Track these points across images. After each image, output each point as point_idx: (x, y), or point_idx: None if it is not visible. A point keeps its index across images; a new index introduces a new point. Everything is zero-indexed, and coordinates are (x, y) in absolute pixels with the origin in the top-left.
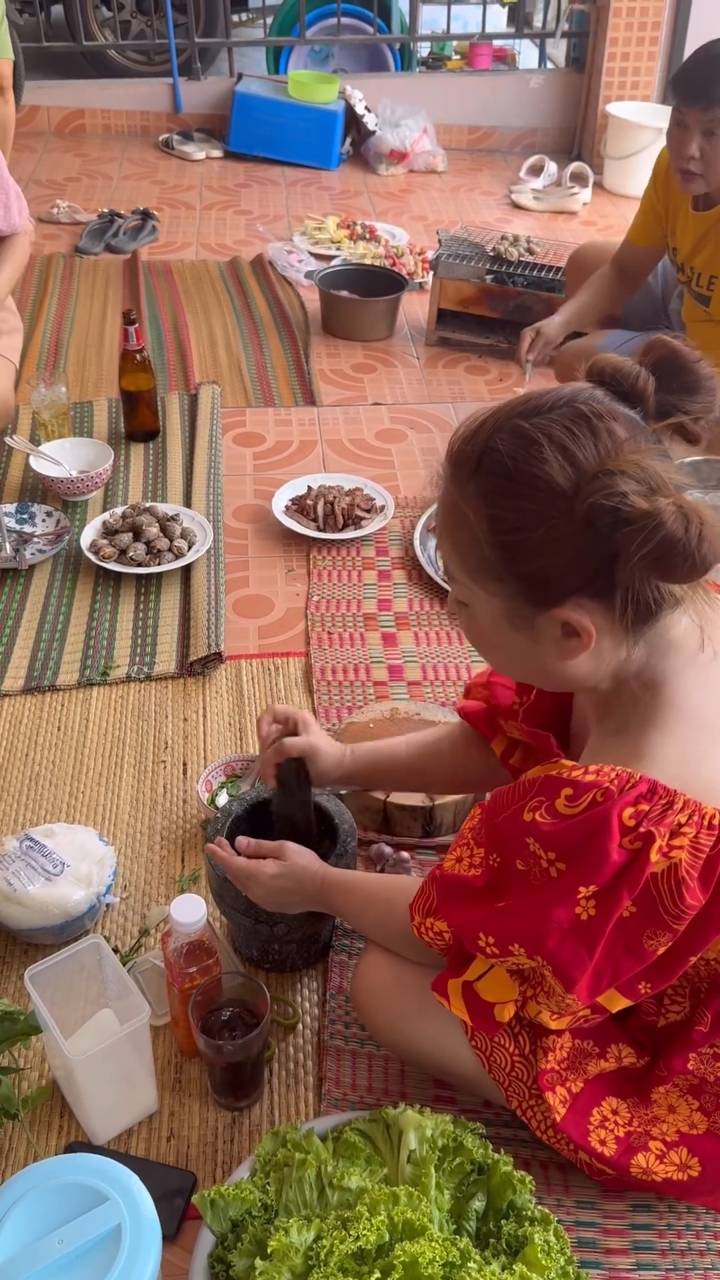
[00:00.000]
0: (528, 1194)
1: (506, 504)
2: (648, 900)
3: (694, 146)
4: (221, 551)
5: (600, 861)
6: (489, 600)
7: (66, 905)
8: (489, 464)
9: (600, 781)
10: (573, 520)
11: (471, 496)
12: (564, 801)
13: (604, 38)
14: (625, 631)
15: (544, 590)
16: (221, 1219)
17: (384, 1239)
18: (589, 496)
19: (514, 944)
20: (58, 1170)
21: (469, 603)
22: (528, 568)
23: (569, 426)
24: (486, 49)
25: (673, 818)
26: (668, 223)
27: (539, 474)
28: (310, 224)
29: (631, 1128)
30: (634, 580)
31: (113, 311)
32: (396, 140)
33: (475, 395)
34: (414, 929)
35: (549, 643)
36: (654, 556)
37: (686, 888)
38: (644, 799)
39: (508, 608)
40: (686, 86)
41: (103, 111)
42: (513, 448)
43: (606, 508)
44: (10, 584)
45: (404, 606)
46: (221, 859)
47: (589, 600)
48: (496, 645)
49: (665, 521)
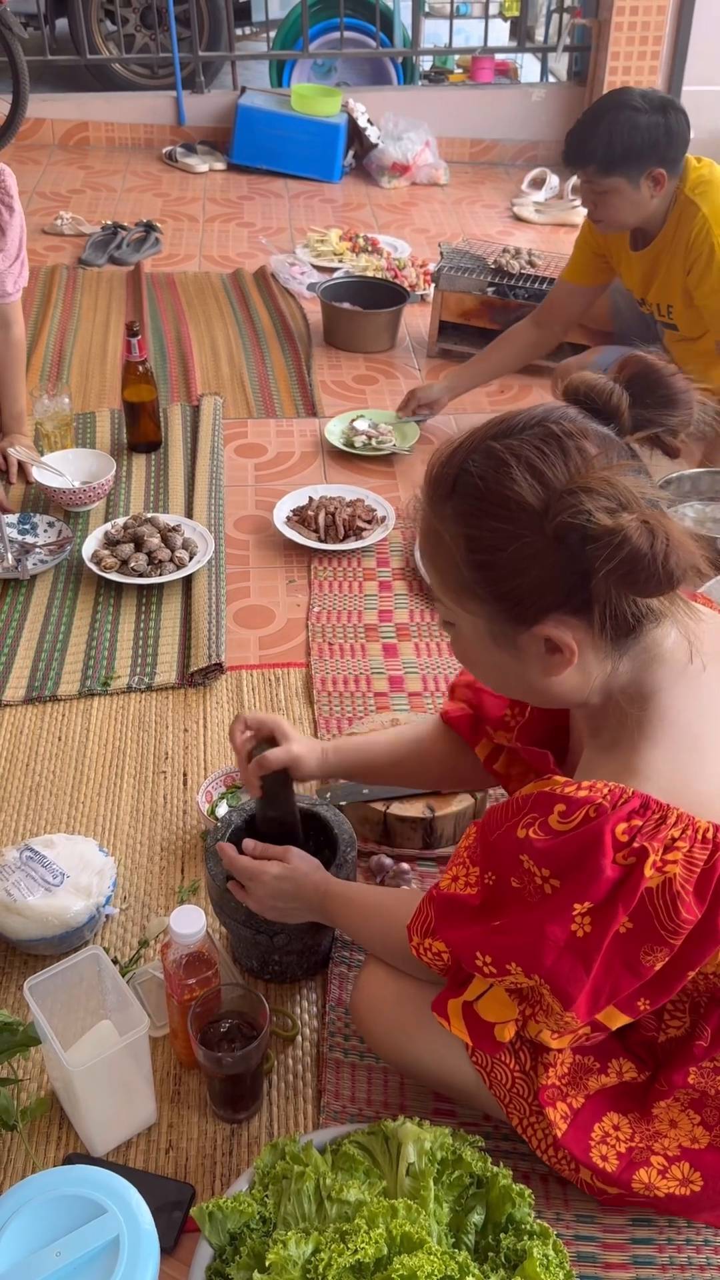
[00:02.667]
0: (527, 1207)
1: (480, 524)
2: (643, 915)
3: (588, 201)
4: (223, 562)
5: (594, 877)
6: (472, 620)
7: (66, 916)
8: (463, 486)
9: (593, 797)
10: (544, 538)
11: (448, 519)
12: (557, 818)
13: (605, 52)
14: (608, 646)
15: (522, 608)
16: (220, 1231)
17: (382, 1252)
18: (558, 515)
19: (511, 962)
20: (56, 1182)
21: (454, 623)
22: (504, 587)
23: (539, 446)
24: (488, 63)
25: (666, 832)
26: (614, 265)
27: (510, 494)
28: (313, 236)
29: (633, 1143)
30: (609, 595)
31: (116, 323)
32: (399, 153)
33: (476, 407)
34: (413, 949)
35: (533, 660)
36: (621, 572)
37: (682, 902)
38: (637, 814)
39: (490, 627)
40: (567, 147)
41: (106, 124)
42: (484, 469)
43: (574, 525)
44: (12, 594)
45: (405, 618)
46: (228, 858)
47: (568, 616)
48: (484, 664)
49: (630, 537)
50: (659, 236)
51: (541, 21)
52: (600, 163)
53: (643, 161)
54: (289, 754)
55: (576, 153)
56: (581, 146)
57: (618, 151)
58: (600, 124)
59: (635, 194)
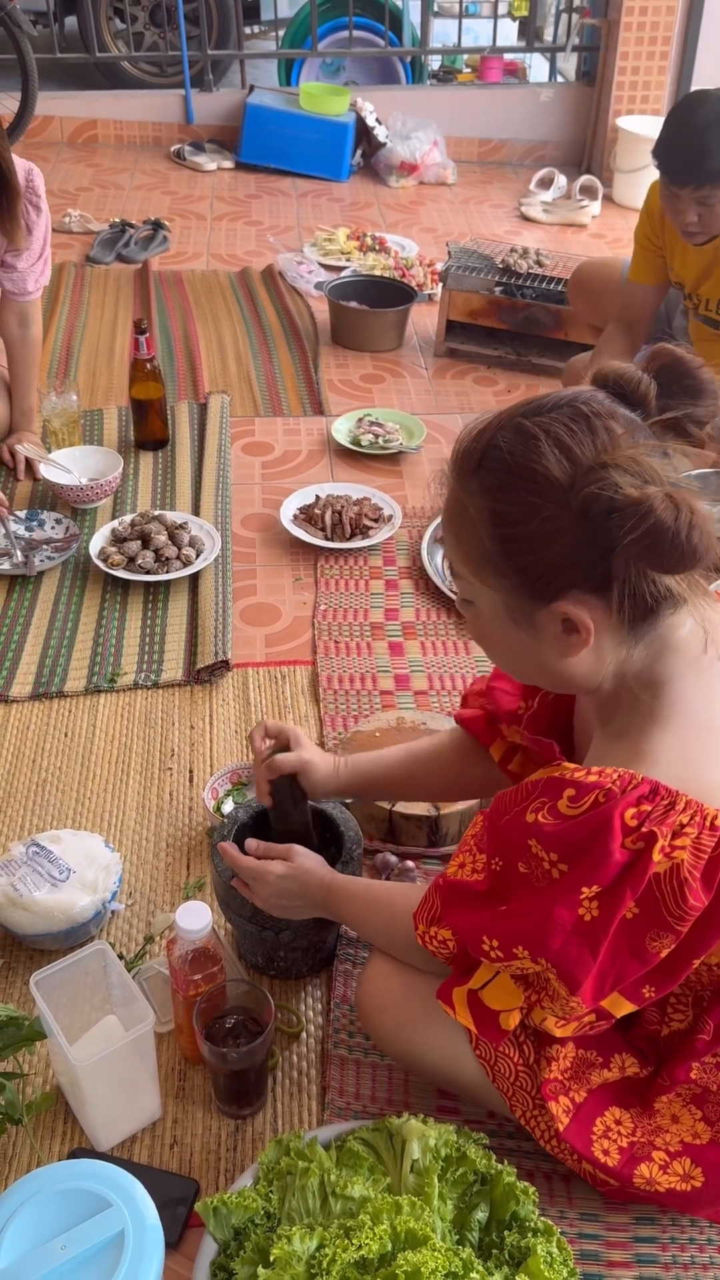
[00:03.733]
0: (531, 1205)
1: (506, 497)
2: (650, 901)
3: (691, 216)
4: (229, 560)
5: (603, 861)
6: (490, 595)
7: (72, 911)
8: (491, 460)
9: (602, 782)
10: (569, 512)
11: (474, 492)
12: (566, 802)
13: (614, 52)
14: (625, 629)
15: (542, 584)
16: (224, 1227)
17: (386, 1248)
18: (584, 488)
19: (518, 946)
20: (61, 1176)
21: (473, 599)
22: (526, 560)
23: (568, 424)
24: (497, 62)
25: (675, 818)
26: (668, 258)
27: (537, 467)
28: (320, 235)
29: (635, 1138)
30: (630, 574)
31: (123, 320)
32: (407, 152)
33: (483, 406)
34: (418, 938)
35: (550, 639)
36: (644, 544)
37: (689, 888)
38: (646, 799)
39: (508, 602)
40: (672, 166)
41: (115, 122)
42: (513, 444)
43: (600, 497)
44: (19, 591)
45: (411, 616)
46: (231, 858)
47: (587, 595)
48: (500, 642)
49: (655, 508)
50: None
51: (550, 21)
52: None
53: None
54: (299, 759)
55: (693, 172)
56: (698, 165)
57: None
58: (712, 138)
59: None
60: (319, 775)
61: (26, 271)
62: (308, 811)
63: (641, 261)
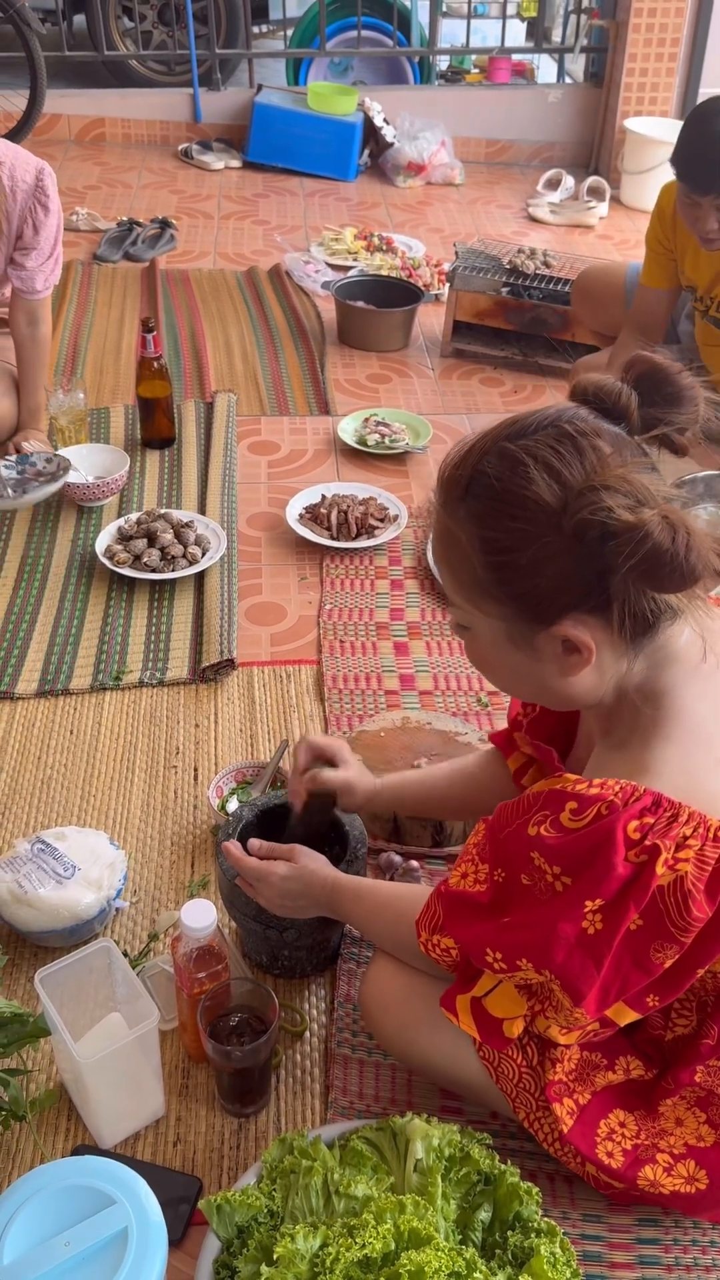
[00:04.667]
0: (534, 1205)
1: (496, 525)
2: (654, 913)
3: (712, 224)
4: (235, 559)
5: (606, 875)
6: (488, 622)
7: (77, 908)
8: (478, 487)
9: (604, 795)
10: (562, 537)
11: (463, 520)
12: (568, 815)
13: (623, 53)
14: (625, 644)
15: (540, 608)
16: (227, 1225)
17: (390, 1247)
18: (576, 512)
19: (522, 959)
20: (65, 1172)
21: (469, 625)
22: (522, 587)
23: (554, 446)
24: (505, 63)
25: (678, 830)
26: (679, 260)
27: (527, 494)
28: (328, 235)
29: (639, 1140)
30: (628, 593)
31: (130, 319)
32: (414, 152)
33: (490, 407)
34: (420, 945)
35: (550, 660)
36: (643, 568)
37: (693, 900)
38: (649, 812)
39: (507, 628)
40: (692, 174)
41: (123, 120)
42: (500, 469)
43: (594, 522)
44: (25, 588)
45: (416, 616)
46: (234, 858)
47: (586, 616)
48: (499, 666)
49: (652, 532)
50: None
51: (559, 22)
52: None
53: None
54: (345, 780)
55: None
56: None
57: None
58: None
59: None
60: (359, 799)
61: (35, 270)
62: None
63: (654, 265)
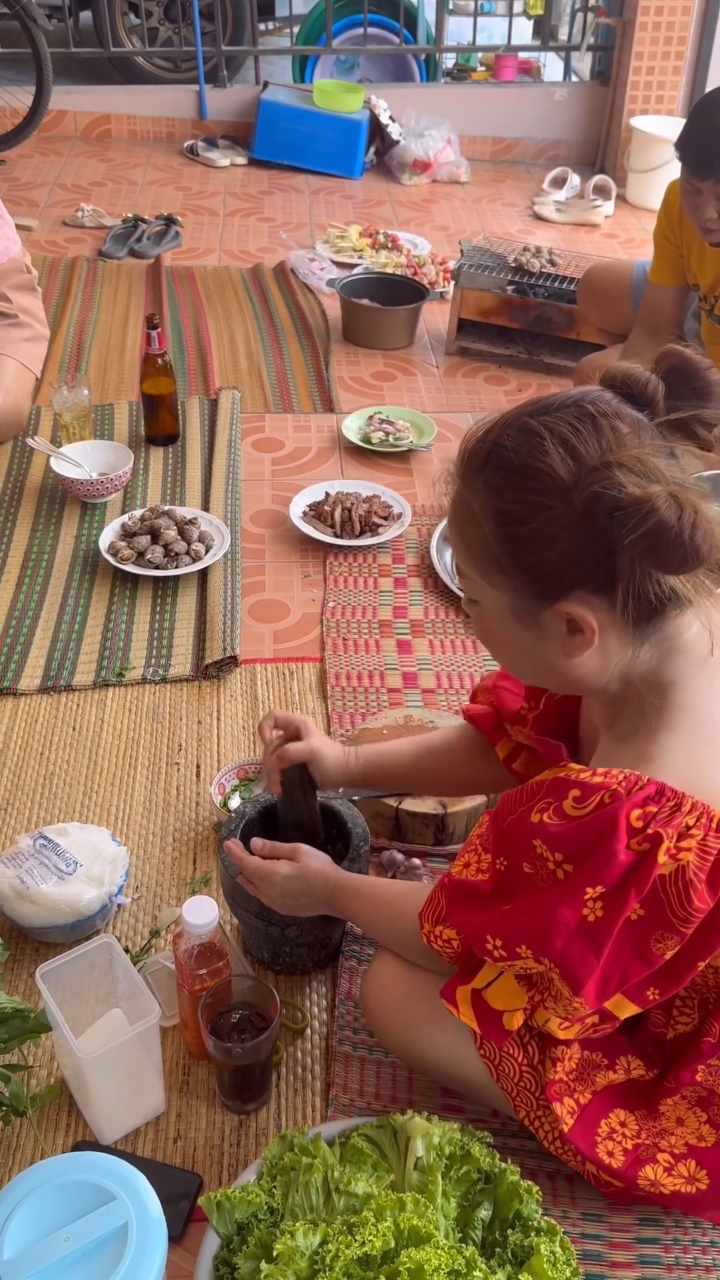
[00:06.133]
0: (534, 1204)
1: (511, 496)
2: (655, 902)
3: (711, 211)
4: (238, 556)
5: (608, 862)
6: (496, 595)
7: (78, 904)
8: (496, 459)
9: (608, 783)
10: (572, 511)
11: (479, 491)
12: (572, 803)
13: (629, 51)
14: (630, 629)
15: (546, 583)
16: (227, 1221)
17: (390, 1245)
18: (588, 486)
19: (521, 945)
20: (65, 1168)
21: (478, 599)
22: (530, 560)
23: (573, 423)
24: (511, 61)
25: (681, 820)
26: (686, 257)
27: (541, 466)
28: (333, 232)
29: (639, 1140)
30: (634, 574)
31: (135, 315)
32: (420, 150)
33: (494, 405)
34: (423, 937)
35: (555, 639)
36: (646, 543)
37: (694, 890)
38: (652, 800)
39: (513, 602)
40: (695, 157)
41: (129, 117)
42: (518, 443)
43: (604, 496)
44: (29, 584)
45: (419, 614)
46: (237, 858)
47: (592, 595)
48: (505, 643)
49: (658, 507)
50: None
51: (565, 20)
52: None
53: None
54: (309, 748)
55: (712, 162)
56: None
57: None
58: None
59: None
60: (329, 765)
61: None
62: (316, 803)
63: (662, 262)
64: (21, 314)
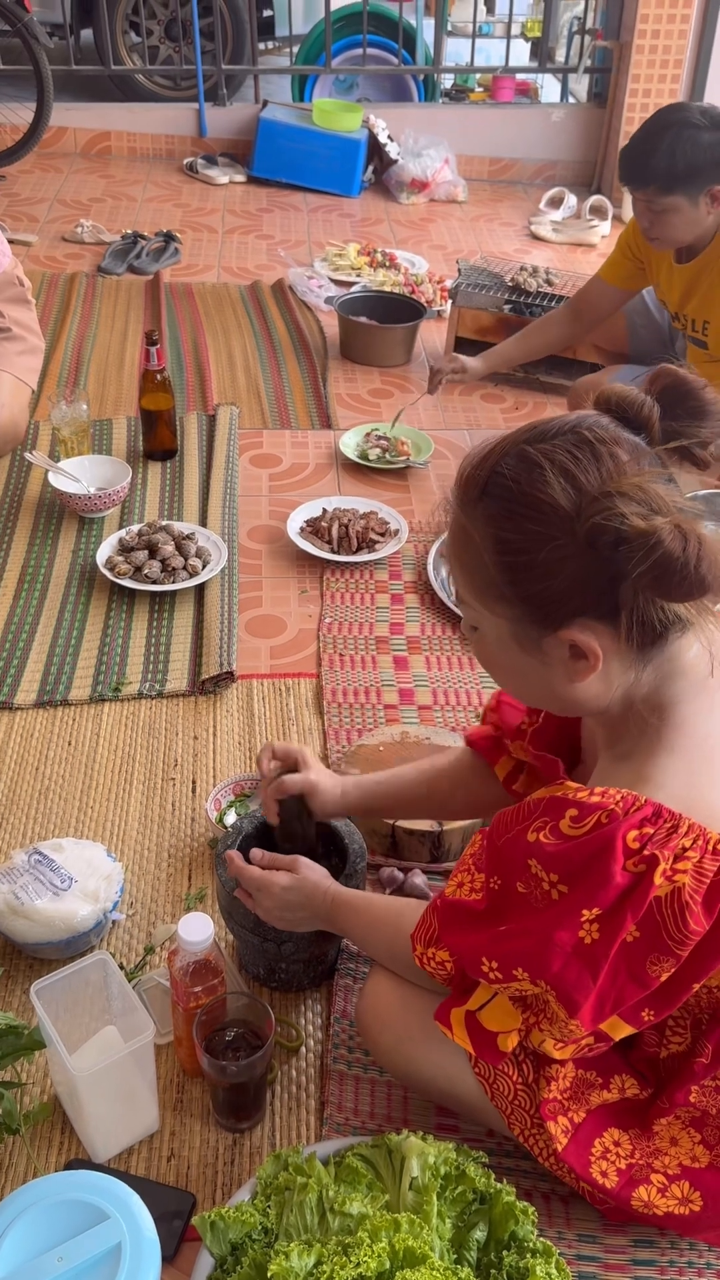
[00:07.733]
0: (530, 1225)
1: (511, 525)
2: (651, 925)
3: (644, 219)
4: (236, 571)
5: (604, 884)
6: (496, 622)
7: (73, 920)
8: (495, 487)
9: (605, 803)
10: (575, 541)
11: (478, 519)
12: (568, 823)
13: (626, 74)
14: (633, 653)
15: (549, 611)
16: (221, 1241)
17: (385, 1266)
18: (590, 517)
19: (517, 968)
20: (59, 1187)
21: (479, 626)
22: (532, 589)
23: (572, 451)
24: (509, 82)
25: (677, 841)
26: (651, 275)
27: (542, 496)
28: (331, 250)
29: (633, 1159)
30: (637, 601)
31: (134, 331)
32: (418, 169)
33: (490, 423)
34: (416, 959)
35: (557, 665)
36: (652, 575)
37: (690, 912)
38: (649, 822)
39: (515, 630)
40: (623, 165)
41: (129, 134)
42: (517, 471)
43: (607, 527)
44: (25, 598)
45: (416, 630)
46: (236, 867)
47: (595, 622)
48: (506, 668)
49: (663, 540)
50: (705, 251)
51: (563, 43)
52: (663, 181)
53: (704, 179)
54: (306, 780)
55: (637, 172)
56: (643, 165)
57: (680, 169)
58: (661, 142)
59: (694, 211)
60: (326, 796)
61: None
62: (314, 831)
63: (617, 263)
64: (15, 327)
